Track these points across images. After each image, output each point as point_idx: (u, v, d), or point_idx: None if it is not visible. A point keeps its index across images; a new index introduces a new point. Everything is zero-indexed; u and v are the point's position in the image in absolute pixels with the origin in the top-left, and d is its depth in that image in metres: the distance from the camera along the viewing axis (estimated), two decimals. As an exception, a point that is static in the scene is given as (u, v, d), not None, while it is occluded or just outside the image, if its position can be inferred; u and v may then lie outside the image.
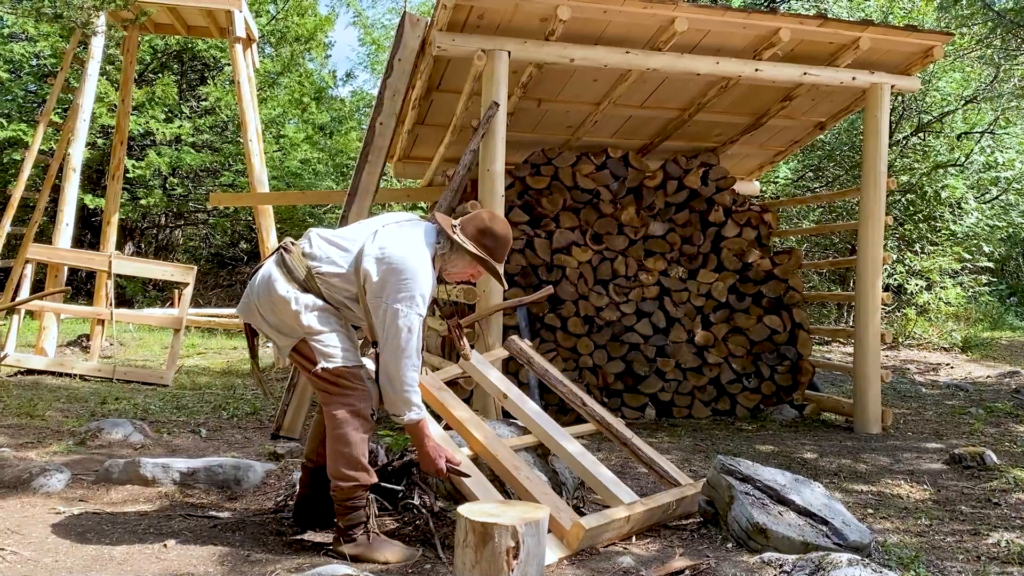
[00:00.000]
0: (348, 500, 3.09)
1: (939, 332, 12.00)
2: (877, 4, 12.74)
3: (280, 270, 3.14)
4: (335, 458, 3.08)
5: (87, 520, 3.52)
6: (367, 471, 3.10)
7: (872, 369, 6.29)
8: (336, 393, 3.10)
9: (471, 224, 3.21)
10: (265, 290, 3.14)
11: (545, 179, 6.90)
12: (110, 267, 8.35)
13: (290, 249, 3.18)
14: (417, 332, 3.01)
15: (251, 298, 3.20)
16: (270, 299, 3.12)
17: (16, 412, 5.89)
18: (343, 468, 3.06)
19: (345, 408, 3.08)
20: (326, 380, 3.10)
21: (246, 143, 10.19)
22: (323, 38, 20.97)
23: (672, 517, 3.61)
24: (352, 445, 3.06)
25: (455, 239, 3.15)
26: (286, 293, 3.08)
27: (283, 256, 3.16)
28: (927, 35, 6.17)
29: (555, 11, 5.34)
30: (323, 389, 3.12)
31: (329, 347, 3.09)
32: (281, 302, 3.09)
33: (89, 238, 17.75)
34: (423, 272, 3.04)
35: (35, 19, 7.73)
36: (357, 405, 3.10)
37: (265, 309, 3.15)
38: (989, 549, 3.40)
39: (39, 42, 16.38)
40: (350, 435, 3.06)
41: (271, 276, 3.13)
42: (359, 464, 3.08)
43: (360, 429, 3.09)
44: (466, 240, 3.16)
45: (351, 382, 3.11)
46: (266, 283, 3.14)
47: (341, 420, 3.07)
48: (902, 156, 12.95)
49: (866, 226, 6.37)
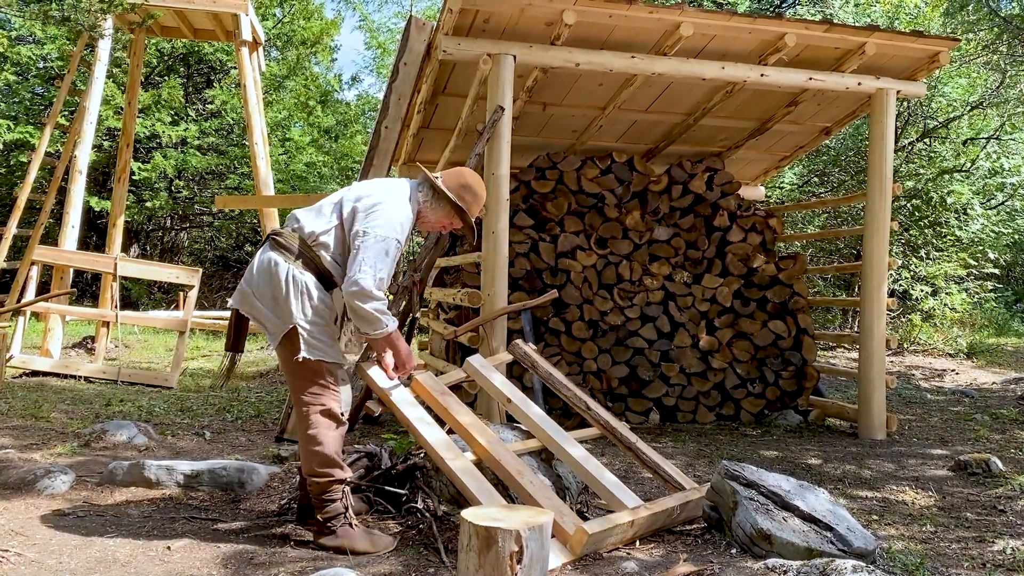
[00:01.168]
0: (324, 494, 3.22)
1: (944, 338, 11.98)
2: (883, 9, 12.73)
3: (278, 252, 3.23)
4: (309, 457, 3.22)
5: (91, 522, 3.53)
6: (340, 466, 3.25)
7: (877, 375, 6.27)
8: (311, 389, 3.21)
9: (452, 178, 3.45)
10: (267, 274, 3.21)
11: (550, 183, 6.90)
12: (115, 269, 8.37)
13: (280, 232, 3.29)
14: (392, 257, 3.16)
15: (250, 285, 3.26)
16: (270, 282, 3.19)
17: (21, 413, 5.90)
18: (316, 466, 3.21)
19: (317, 408, 3.22)
20: (304, 372, 3.19)
21: (251, 146, 10.21)
22: (329, 42, 21.03)
23: (676, 522, 3.60)
24: (324, 444, 3.20)
25: (439, 187, 3.38)
26: (287, 272, 3.17)
27: (276, 240, 3.26)
28: (933, 41, 6.15)
29: (561, 15, 5.35)
30: (299, 381, 3.22)
31: (315, 339, 3.18)
32: (281, 283, 3.17)
33: (95, 240, 17.81)
34: (400, 204, 3.27)
35: (42, 22, 7.75)
36: (328, 404, 3.24)
37: (264, 292, 3.22)
38: (995, 556, 3.39)
39: (46, 45, 16.45)
40: (322, 434, 3.21)
41: (271, 259, 3.21)
42: (332, 461, 3.22)
43: (332, 428, 3.24)
44: (448, 191, 3.40)
45: (326, 380, 3.23)
46: (266, 266, 3.22)
47: (313, 421, 3.21)
48: (908, 161, 12.93)
49: (871, 231, 6.35)
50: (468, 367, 4.17)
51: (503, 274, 5.57)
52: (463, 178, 3.46)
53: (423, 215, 3.42)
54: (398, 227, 3.20)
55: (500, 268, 5.55)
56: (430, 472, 3.73)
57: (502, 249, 5.56)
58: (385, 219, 3.18)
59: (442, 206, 3.42)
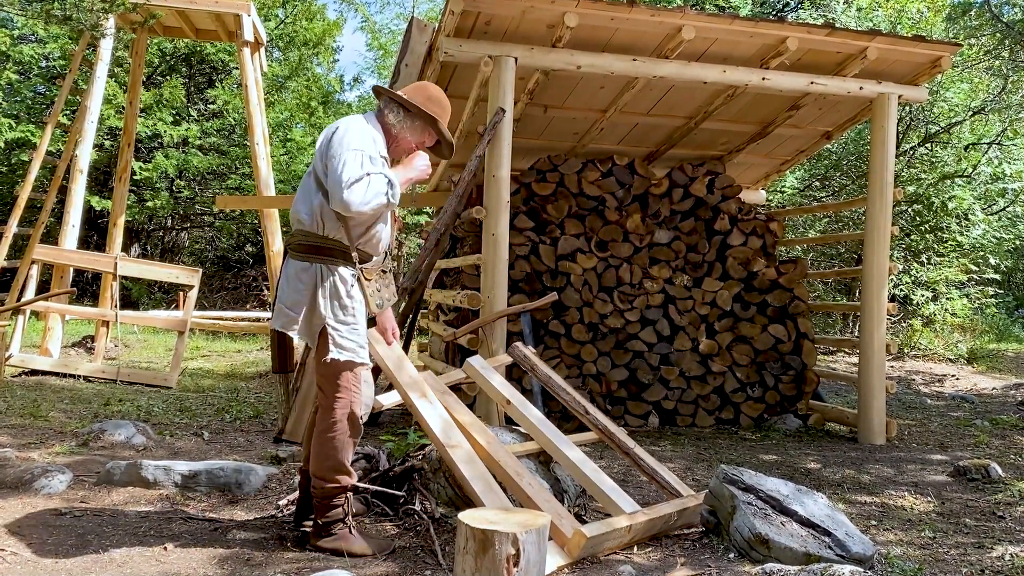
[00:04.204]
0: (329, 499, 3.20)
1: (945, 343, 11.96)
2: (885, 14, 12.74)
3: (300, 257, 3.17)
4: (321, 458, 3.19)
5: (88, 522, 3.52)
6: (350, 473, 3.24)
7: (877, 380, 6.26)
8: (336, 392, 3.17)
9: (417, 92, 3.34)
10: (295, 283, 3.16)
11: (551, 186, 6.90)
12: (115, 269, 8.37)
13: (292, 236, 3.24)
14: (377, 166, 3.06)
15: (283, 301, 3.21)
16: (301, 290, 3.15)
17: (19, 412, 5.90)
18: (328, 471, 3.19)
19: (341, 412, 3.18)
20: (332, 372, 3.16)
21: (253, 146, 10.21)
22: (331, 43, 21.04)
23: (673, 528, 3.59)
24: (339, 449, 3.18)
25: (409, 103, 3.26)
26: (314, 275, 3.14)
27: (294, 247, 3.20)
28: (935, 45, 6.15)
29: (562, 18, 5.35)
30: (326, 381, 3.19)
31: (345, 339, 3.15)
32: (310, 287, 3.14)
33: (95, 239, 17.80)
34: (361, 124, 3.18)
35: (44, 21, 7.75)
36: (352, 408, 3.20)
37: (297, 302, 3.16)
38: (993, 562, 3.37)
39: (48, 44, 16.46)
40: (339, 438, 3.18)
41: (296, 268, 3.17)
42: (343, 468, 3.21)
43: (350, 433, 3.20)
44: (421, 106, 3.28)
45: (352, 382, 3.19)
46: (294, 276, 3.17)
47: (334, 424, 3.17)
48: (909, 166, 12.93)
49: (872, 236, 6.35)
50: (468, 368, 4.16)
51: (503, 276, 5.57)
52: (426, 90, 3.36)
53: (397, 137, 3.31)
54: (369, 141, 3.12)
55: (500, 270, 5.55)
56: (428, 474, 3.73)
57: (502, 251, 5.56)
58: (350, 136, 3.08)
59: (415, 123, 3.31)
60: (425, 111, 3.29)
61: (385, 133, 3.28)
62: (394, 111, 3.30)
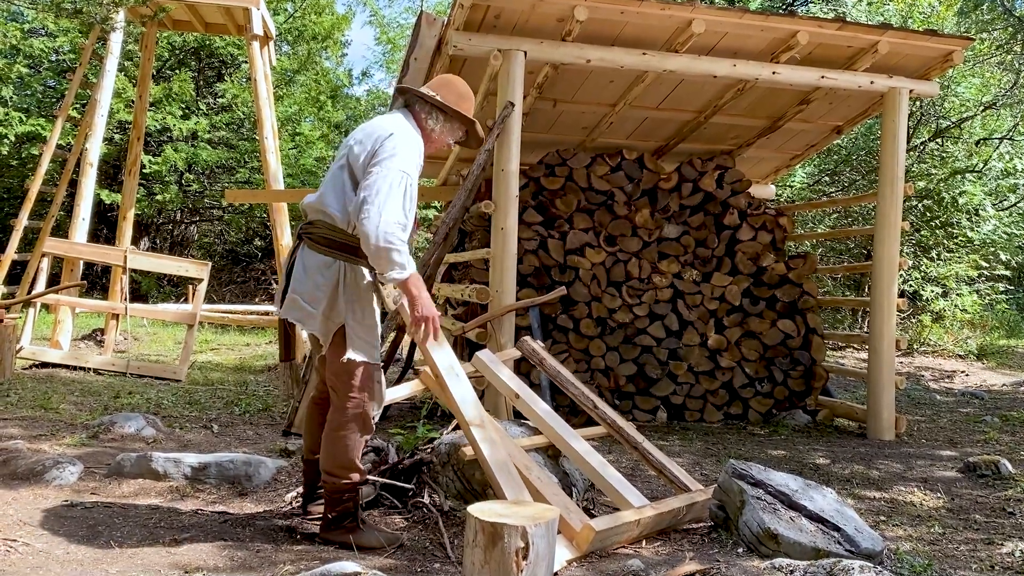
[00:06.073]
0: (339, 494, 3.22)
1: (954, 339, 11.91)
2: (896, 8, 12.66)
3: (327, 250, 3.15)
4: (332, 455, 3.20)
5: (98, 513, 3.54)
6: (359, 470, 3.25)
7: (886, 375, 6.24)
8: (351, 392, 3.17)
9: (450, 92, 3.37)
10: (318, 276, 3.14)
11: (560, 180, 6.89)
12: (125, 262, 8.40)
13: (313, 225, 3.20)
14: (406, 192, 3.03)
15: (298, 292, 3.19)
16: (323, 284, 3.13)
17: (30, 404, 5.93)
18: (337, 467, 3.20)
19: (355, 410, 3.18)
20: (348, 371, 3.15)
21: (262, 140, 10.22)
22: (340, 37, 21.02)
23: (682, 522, 3.59)
24: (350, 447, 3.19)
25: (449, 108, 3.31)
26: (339, 271, 3.13)
27: (315, 236, 3.17)
28: (946, 40, 6.11)
29: (572, 11, 5.33)
30: (342, 380, 3.18)
31: (362, 339, 3.15)
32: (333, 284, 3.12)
33: (105, 233, 17.85)
34: (412, 135, 3.19)
35: (55, 14, 7.77)
36: (366, 408, 3.20)
37: (316, 297, 3.14)
38: (1003, 558, 3.36)
39: (58, 37, 16.49)
40: (350, 436, 3.19)
41: (320, 260, 3.15)
42: (354, 465, 3.22)
43: (361, 431, 3.21)
44: (455, 106, 3.33)
45: (367, 381, 3.19)
46: (316, 268, 3.15)
47: (347, 422, 3.18)
48: (920, 161, 12.86)
49: (882, 231, 6.32)
50: (476, 362, 4.16)
51: (512, 271, 5.57)
52: (455, 88, 3.39)
53: (433, 138, 3.37)
54: (416, 156, 3.13)
55: (509, 264, 5.55)
56: (436, 468, 3.74)
57: (511, 246, 5.56)
58: (402, 150, 3.07)
59: (453, 124, 3.39)
60: (464, 115, 3.36)
61: (424, 137, 3.32)
62: (433, 116, 3.35)
